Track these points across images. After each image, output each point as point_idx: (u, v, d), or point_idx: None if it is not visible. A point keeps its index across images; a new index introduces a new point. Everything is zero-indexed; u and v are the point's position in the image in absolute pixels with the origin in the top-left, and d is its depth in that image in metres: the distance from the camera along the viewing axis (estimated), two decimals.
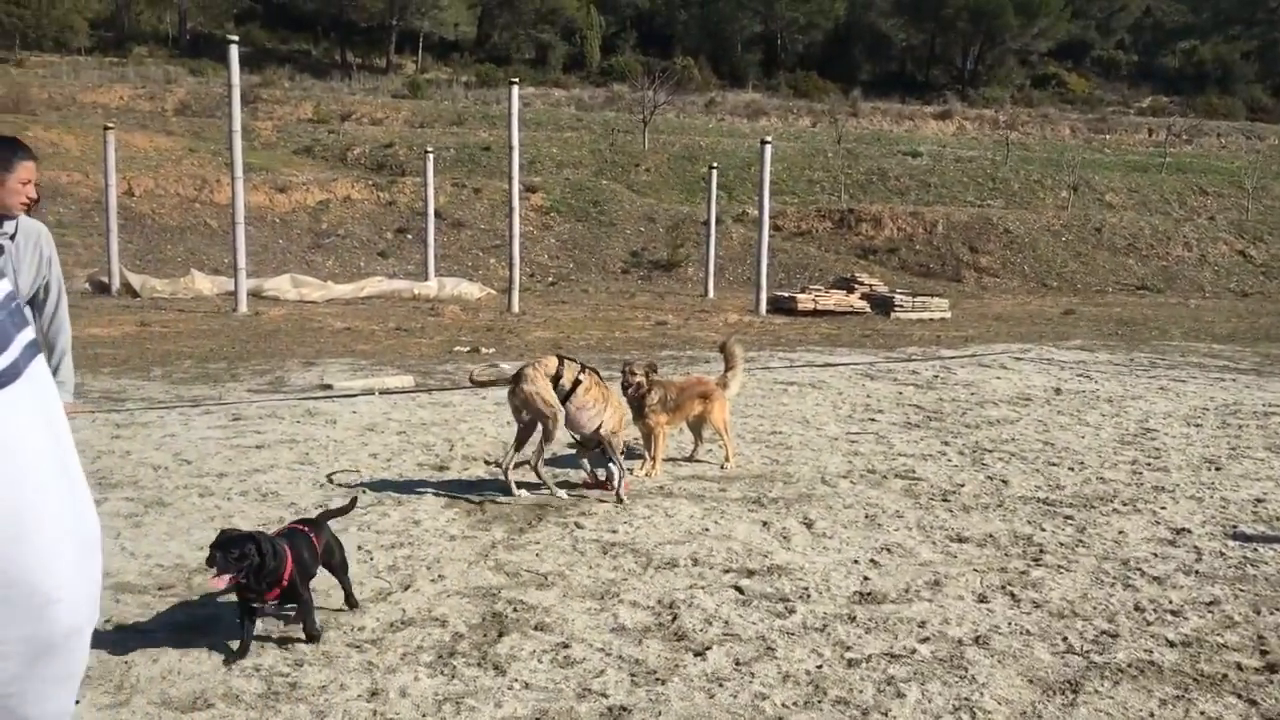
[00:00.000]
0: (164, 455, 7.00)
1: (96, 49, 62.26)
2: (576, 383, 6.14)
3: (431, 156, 24.58)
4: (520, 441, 6.25)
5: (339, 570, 4.39)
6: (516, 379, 6.12)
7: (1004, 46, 73.33)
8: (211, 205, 27.17)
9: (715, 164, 25.39)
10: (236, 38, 16.58)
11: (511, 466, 6.22)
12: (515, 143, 17.59)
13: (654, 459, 6.76)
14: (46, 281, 4.30)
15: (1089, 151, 45.11)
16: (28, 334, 0.95)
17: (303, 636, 4.09)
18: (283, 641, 4.09)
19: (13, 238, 4.11)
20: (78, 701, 3.54)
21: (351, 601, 4.42)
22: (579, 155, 36.43)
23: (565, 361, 6.22)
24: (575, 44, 70.74)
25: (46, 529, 0.98)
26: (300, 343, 13.30)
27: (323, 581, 4.37)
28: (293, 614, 4.21)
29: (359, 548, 5.21)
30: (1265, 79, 69.39)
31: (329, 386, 9.64)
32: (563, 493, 6.21)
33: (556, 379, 6.10)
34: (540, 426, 6.14)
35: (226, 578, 3.81)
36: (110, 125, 21.50)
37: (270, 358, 11.80)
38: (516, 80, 18.13)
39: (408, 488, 6.35)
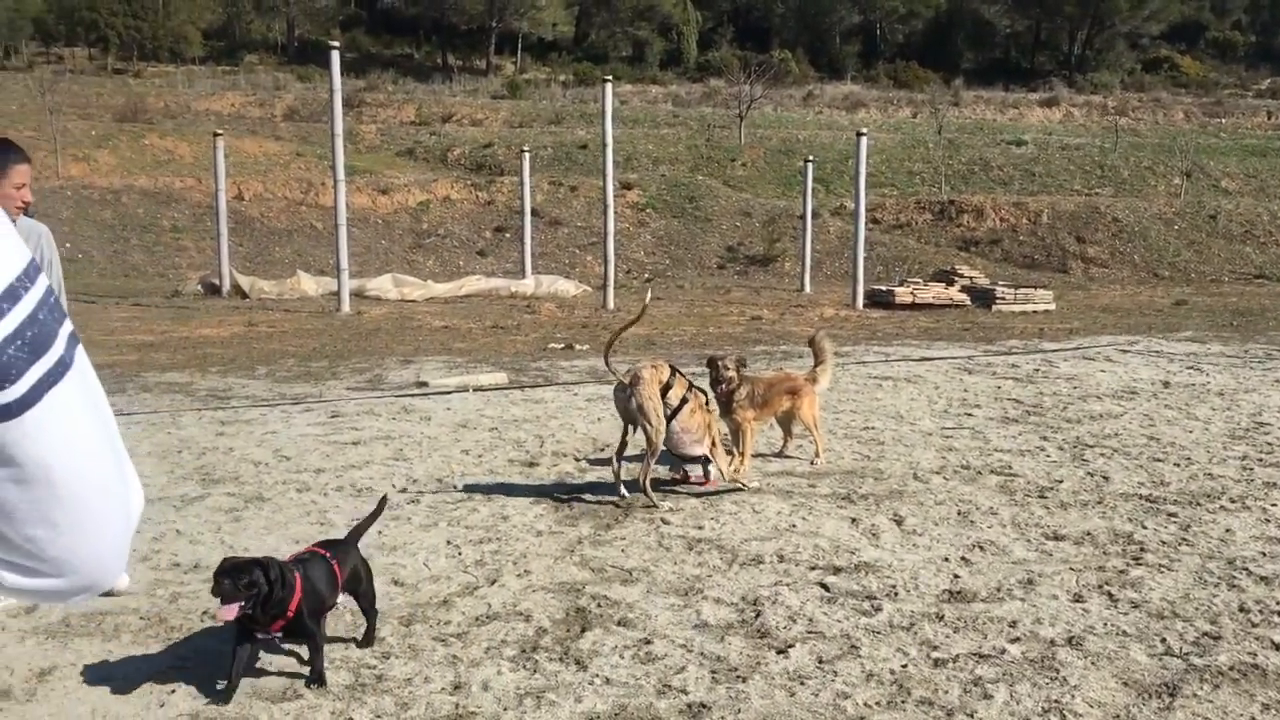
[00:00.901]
0: (265, 451, 7.20)
1: (209, 58, 64.45)
2: (683, 401, 5.91)
3: (528, 155, 24.84)
4: (621, 450, 6.14)
5: (364, 600, 4.07)
6: (633, 380, 5.89)
7: (1113, 30, 71.25)
8: (317, 208, 27.87)
9: (811, 157, 25.13)
10: (338, 44, 16.93)
11: (621, 476, 6.10)
12: (609, 140, 17.67)
13: (742, 455, 6.71)
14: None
15: (1204, 136, 43.55)
16: (67, 326, 0.99)
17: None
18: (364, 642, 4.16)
19: None
20: (172, 692, 3.66)
21: (368, 640, 4.05)
22: (675, 151, 36.46)
23: (676, 375, 5.97)
24: (672, 40, 70.83)
25: (103, 519, 1.02)
26: (399, 341, 13.56)
27: (385, 590, 4.42)
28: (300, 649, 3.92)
29: (448, 542, 5.29)
30: None
31: (424, 384, 9.81)
32: (667, 505, 5.98)
33: (665, 389, 5.87)
34: (644, 434, 5.90)
35: (236, 606, 3.51)
36: (219, 132, 22.21)
37: (369, 356, 12.06)
38: (610, 78, 18.20)
39: (498, 483, 6.42)
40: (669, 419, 5.88)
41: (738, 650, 4.02)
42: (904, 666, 3.87)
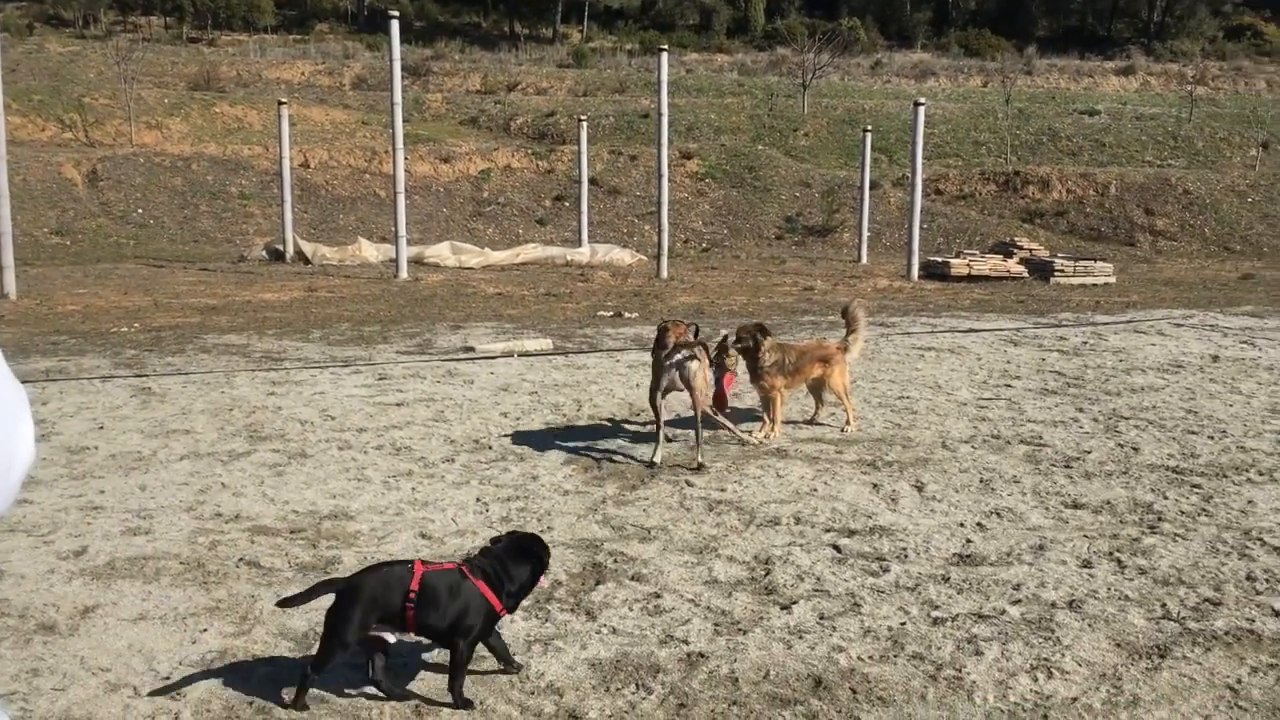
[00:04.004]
0: (311, 411, 7.46)
1: (281, 27, 65.33)
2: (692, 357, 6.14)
3: (585, 125, 24.97)
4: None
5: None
6: (689, 356, 6.08)
7: None
8: (380, 176, 28.27)
9: (869, 126, 24.92)
10: (397, 13, 17.15)
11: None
12: (664, 109, 17.72)
13: (772, 421, 6.82)
14: None
15: None
16: None
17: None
18: None
19: None
20: (204, 631, 3.90)
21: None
22: (737, 121, 36.32)
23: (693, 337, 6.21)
24: (739, 8, 70.21)
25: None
26: (453, 307, 13.82)
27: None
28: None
29: (477, 499, 5.48)
30: None
31: (471, 349, 10.03)
32: (748, 434, 6.54)
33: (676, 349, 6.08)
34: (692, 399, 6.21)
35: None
36: (284, 101, 22.61)
37: (422, 321, 12.32)
38: (665, 48, 18.22)
39: (532, 445, 6.61)
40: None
41: (743, 605, 4.16)
42: (902, 624, 3.98)
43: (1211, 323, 12.73)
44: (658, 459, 6.16)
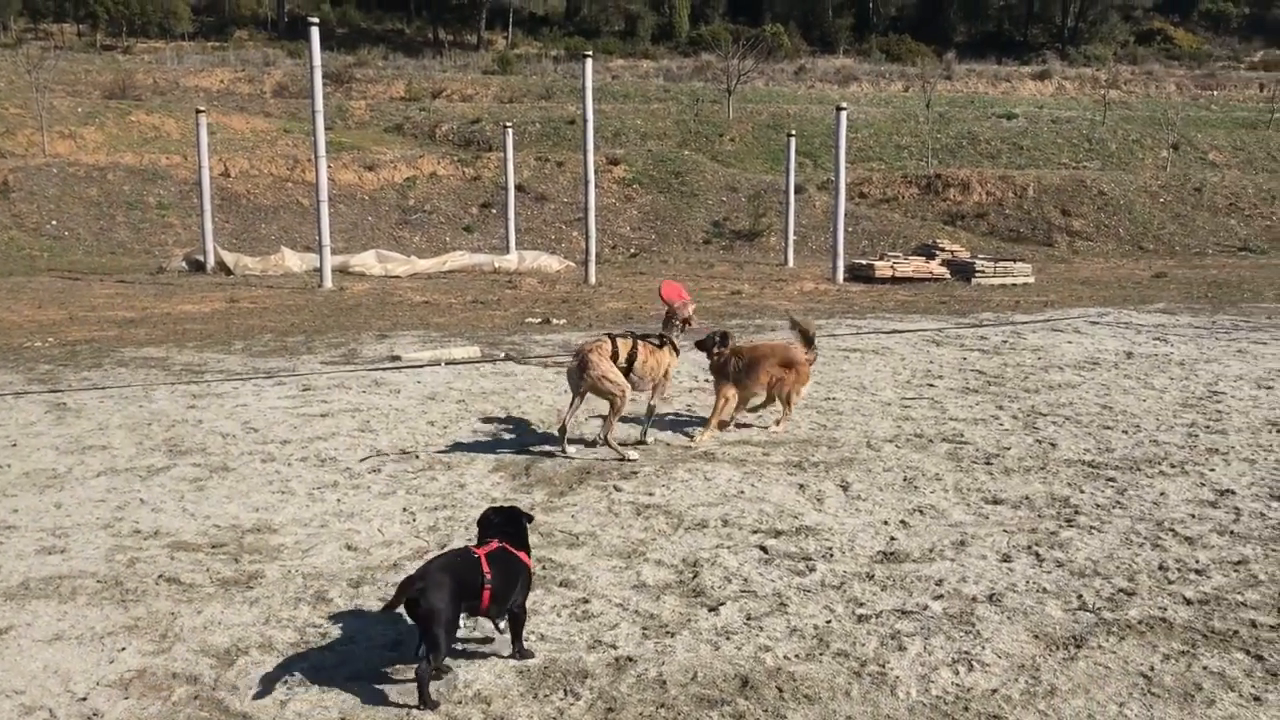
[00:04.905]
0: (233, 424, 7.34)
1: (199, 34, 64.16)
2: (633, 355, 6.47)
3: (511, 131, 24.90)
4: (570, 414, 6.63)
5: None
6: (581, 363, 6.39)
7: (1106, 2, 71.09)
8: (303, 184, 27.89)
9: (793, 131, 25.18)
10: (317, 19, 16.96)
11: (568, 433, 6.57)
12: (589, 116, 17.74)
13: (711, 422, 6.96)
14: None
15: (1194, 109, 43.63)
16: None
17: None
18: (317, 600, 4.32)
19: None
20: (122, 650, 3.82)
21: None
22: (663, 126, 36.45)
23: (618, 340, 6.52)
24: (664, 14, 70.51)
25: None
26: (379, 316, 13.69)
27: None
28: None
29: (404, 509, 5.44)
30: None
31: (398, 358, 9.94)
32: (634, 453, 6.47)
33: (615, 355, 6.41)
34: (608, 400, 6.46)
35: None
36: (202, 109, 22.21)
37: (347, 331, 12.18)
38: (589, 54, 18.25)
39: (459, 453, 6.57)
40: (626, 371, 6.44)
41: (671, 608, 4.18)
42: (828, 622, 4.03)
43: (1126, 320, 13.07)
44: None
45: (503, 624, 3.81)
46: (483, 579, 3.58)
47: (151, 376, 9.18)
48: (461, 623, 3.60)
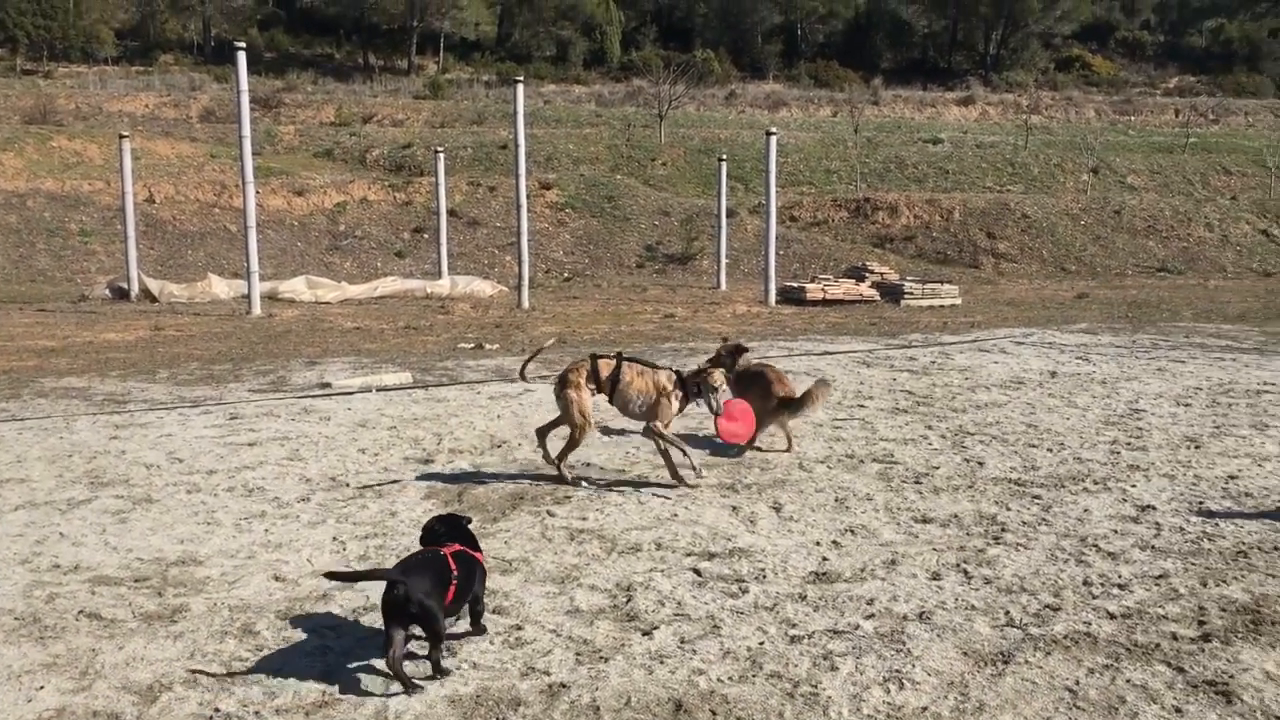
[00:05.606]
0: (158, 454, 7.19)
1: (123, 58, 63.06)
2: (617, 374, 6.34)
3: (442, 156, 24.80)
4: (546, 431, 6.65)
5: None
6: (560, 382, 6.42)
7: (1027, 30, 72.75)
8: (231, 210, 27.50)
9: (724, 156, 25.40)
10: (244, 44, 16.78)
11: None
12: (522, 140, 17.75)
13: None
14: None
15: (1113, 134, 44.76)
16: None
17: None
18: (244, 632, 4.23)
19: None
20: (41, 688, 3.71)
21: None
22: (596, 151, 36.56)
23: (600, 360, 6.44)
24: (596, 40, 70.79)
25: None
26: (308, 343, 13.51)
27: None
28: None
29: (334, 539, 5.36)
30: None
31: (327, 385, 9.82)
32: (584, 483, 6.43)
33: (596, 377, 6.36)
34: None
35: None
36: (125, 134, 21.84)
37: (276, 358, 12.01)
38: (520, 79, 18.28)
39: (390, 481, 6.50)
40: (612, 391, 6.34)
41: (604, 633, 4.17)
42: (760, 644, 4.05)
43: (1050, 340, 13.34)
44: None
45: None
46: (450, 575, 3.88)
47: (72, 407, 8.97)
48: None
